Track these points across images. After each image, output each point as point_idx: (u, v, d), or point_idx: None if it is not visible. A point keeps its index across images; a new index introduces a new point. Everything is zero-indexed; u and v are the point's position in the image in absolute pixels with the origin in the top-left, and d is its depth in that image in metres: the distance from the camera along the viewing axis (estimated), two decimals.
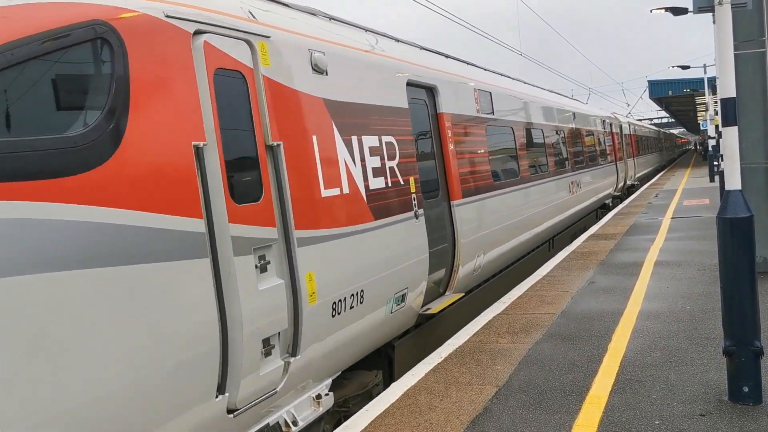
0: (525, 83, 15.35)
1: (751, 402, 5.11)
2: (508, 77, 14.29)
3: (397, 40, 8.66)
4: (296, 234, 5.21)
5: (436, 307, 7.94)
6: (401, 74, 7.71)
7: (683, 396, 5.39)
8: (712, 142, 29.69)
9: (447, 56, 10.47)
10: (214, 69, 4.61)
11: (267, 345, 4.83)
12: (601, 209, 22.24)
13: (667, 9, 20.12)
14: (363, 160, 6.45)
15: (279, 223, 5.09)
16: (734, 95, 5.31)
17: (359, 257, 6.12)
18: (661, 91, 42.80)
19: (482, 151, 10.09)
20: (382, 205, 6.68)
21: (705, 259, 11.06)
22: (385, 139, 6.95)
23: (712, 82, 31.00)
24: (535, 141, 13.60)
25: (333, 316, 5.67)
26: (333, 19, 7.26)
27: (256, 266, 4.74)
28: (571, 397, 5.56)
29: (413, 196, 7.35)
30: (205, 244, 4.32)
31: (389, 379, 7.23)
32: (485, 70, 12.38)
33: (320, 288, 5.41)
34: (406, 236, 7.09)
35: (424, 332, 8.18)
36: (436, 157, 8.50)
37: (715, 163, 26.45)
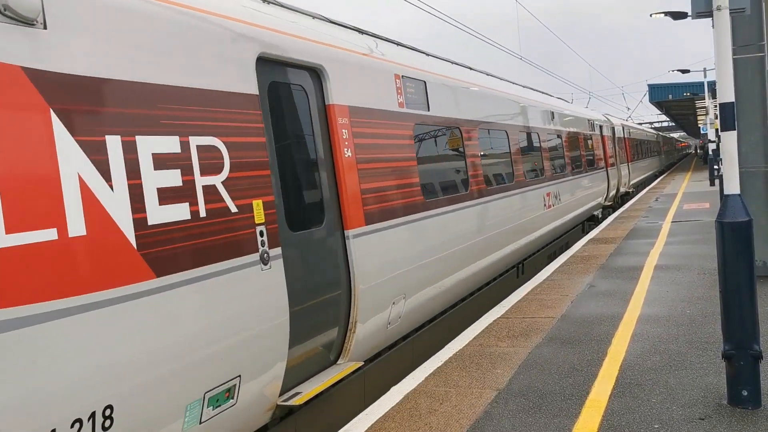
0: (488, 75, 12.64)
1: (750, 406, 5.12)
2: (468, 68, 11.47)
3: (269, 2, 6.19)
4: None
5: (308, 391, 5.43)
6: (245, 44, 5.15)
7: (683, 400, 5.41)
8: (712, 146, 29.76)
9: (363, 32, 7.86)
10: None
11: None
12: (588, 221, 20.13)
13: (666, 13, 20.17)
14: (136, 175, 4.02)
15: None
16: (733, 100, 5.33)
17: (104, 348, 3.66)
18: (661, 95, 42.91)
19: (407, 159, 7.52)
20: (181, 249, 4.24)
21: (705, 263, 11.07)
22: (199, 141, 4.54)
23: (712, 86, 31.06)
24: (495, 145, 10.97)
25: None
26: None
27: None
28: (571, 400, 5.57)
29: (260, 229, 4.93)
30: None
31: None
32: (427, 55, 9.66)
33: None
34: (239, 294, 4.68)
35: (296, 424, 5.72)
36: (320, 169, 6.00)
37: (716, 167, 26.50)
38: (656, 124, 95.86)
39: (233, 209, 4.74)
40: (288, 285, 5.25)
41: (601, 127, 22.51)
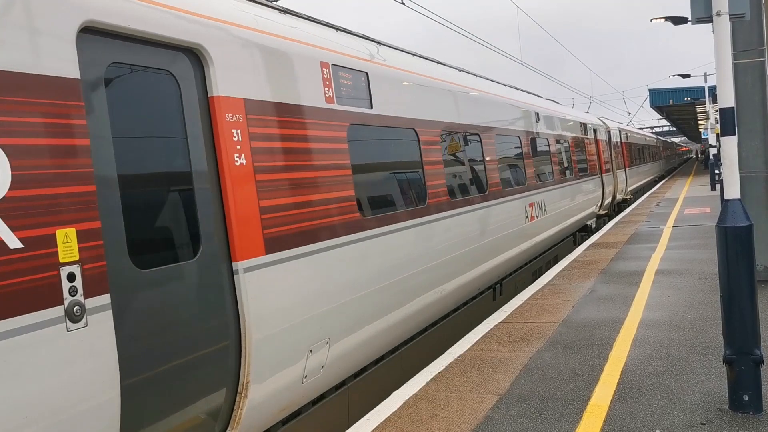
0: (461, 71, 10.95)
1: (751, 411, 5.11)
2: (436, 62, 9.89)
3: None
4: None
5: None
6: (53, 5, 3.69)
7: (684, 405, 5.40)
8: (713, 151, 29.79)
9: (287, 11, 6.48)
10: None
11: None
12: (580, 232, 18.45)
13: (667, 18, 20.21)
14: None
15: None
16: (733, 105, 5.34)
17: None
18: (661, 100, 43.00)
19: (337, 167, 6.12)
20: None
21: (706, 268, 11.07)
22: None
23: (713, 90, 31.11)
24: (464, 150, 9.44)
25: None
26: None
27: None
28: (572, 406, 5.57)
29: (69, 270, 3.55)
30: None
31: None
32: (379, 44, 8.10)
33: None
34: (14, 372, 3.25)
35: None
36: (195, 181, 4.58)
37: (717, 171, 26.52)
38: (657, 129, 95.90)
39: (13, 244, 3.28)
40: (120, 347, 3.80)
41: (595, 130, 20.84)
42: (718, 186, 23.57)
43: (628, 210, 23.93)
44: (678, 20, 19.86)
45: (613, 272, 11.44)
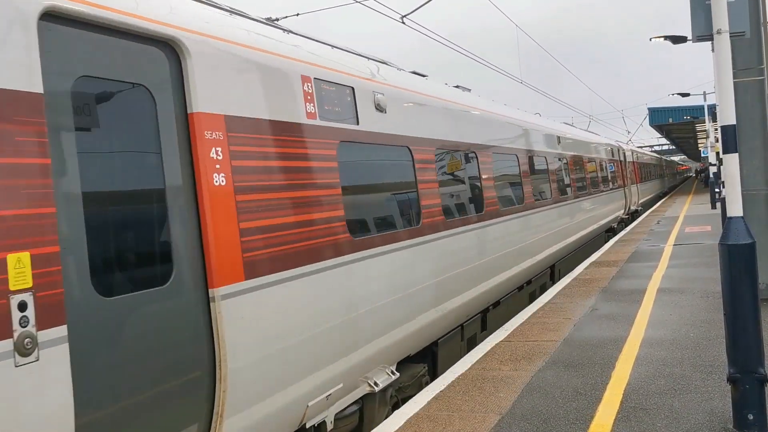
0: None
1: (756, 430, 5.06)
2: None
3: None
4: None
5: None
6: None
7: (688, 424, 5.36)
8: (713, 169, 29.83)
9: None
10: None
11: None
12: None
13: (666, 37, 20.28)
14: None
15: None
16: (734, 123, 5.34)
17: None
18: (661, 119, 43.09)
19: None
20: None
21: (708, 286, 11.03)
22: None
23: (712, 109, 31.19)
24: None
25: None
26: None
27: None
28: (575, 425, 5.52)
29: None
30: None
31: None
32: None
33: None
34: None
35: None
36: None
37: (717, 189, 26.52)
38: (657, 147, 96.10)
39: None
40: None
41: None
42: (718, 204, 23.55)
43: (627, 228, 23.90)
44: (677, 39, 19.93)
45: (614, 290, 11.40)
